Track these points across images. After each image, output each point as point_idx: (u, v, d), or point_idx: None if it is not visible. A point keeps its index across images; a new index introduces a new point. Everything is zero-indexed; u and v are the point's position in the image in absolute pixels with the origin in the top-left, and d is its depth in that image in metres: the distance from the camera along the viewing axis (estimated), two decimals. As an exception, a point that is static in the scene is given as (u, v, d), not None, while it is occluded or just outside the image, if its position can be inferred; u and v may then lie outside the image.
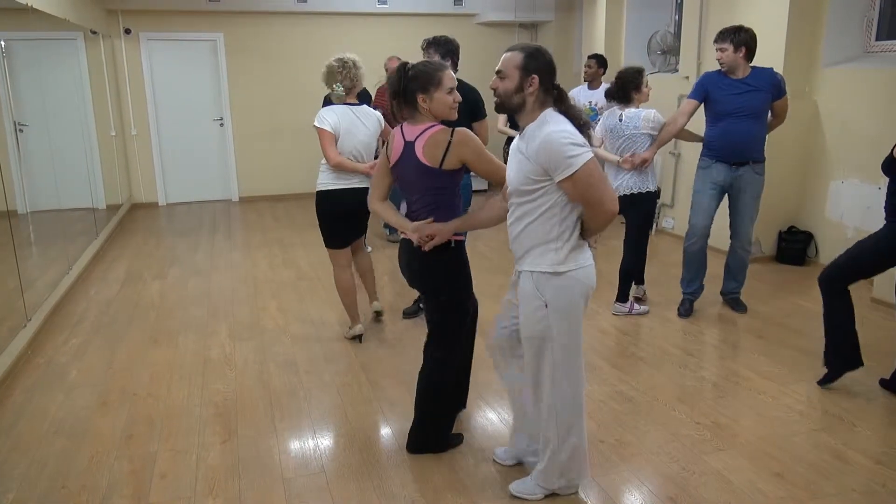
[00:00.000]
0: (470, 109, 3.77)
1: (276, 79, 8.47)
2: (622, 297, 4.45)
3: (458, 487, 2.58)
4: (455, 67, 3.98)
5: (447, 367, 2.77)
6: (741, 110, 4.07)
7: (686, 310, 4.41)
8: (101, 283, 5.24)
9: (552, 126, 2.14)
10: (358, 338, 4.04)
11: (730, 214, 4.36)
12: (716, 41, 4.10)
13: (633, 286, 4.49)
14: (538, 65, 2.20)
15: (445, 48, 3.96)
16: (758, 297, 4.69)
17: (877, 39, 5.20)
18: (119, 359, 3.82)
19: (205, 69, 8.35)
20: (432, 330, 2.77)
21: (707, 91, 4.18)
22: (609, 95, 4.34)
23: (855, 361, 3.28)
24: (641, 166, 4.15)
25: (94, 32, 6.78)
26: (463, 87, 3.49)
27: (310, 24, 8.45)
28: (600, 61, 6.12)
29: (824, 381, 3.36)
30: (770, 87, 4.08)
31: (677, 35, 6.75)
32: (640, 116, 4.15)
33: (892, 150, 3.06)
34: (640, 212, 4.31)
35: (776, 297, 4.71)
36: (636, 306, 4.45)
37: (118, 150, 7.71)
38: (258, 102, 8.50)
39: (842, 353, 3.29)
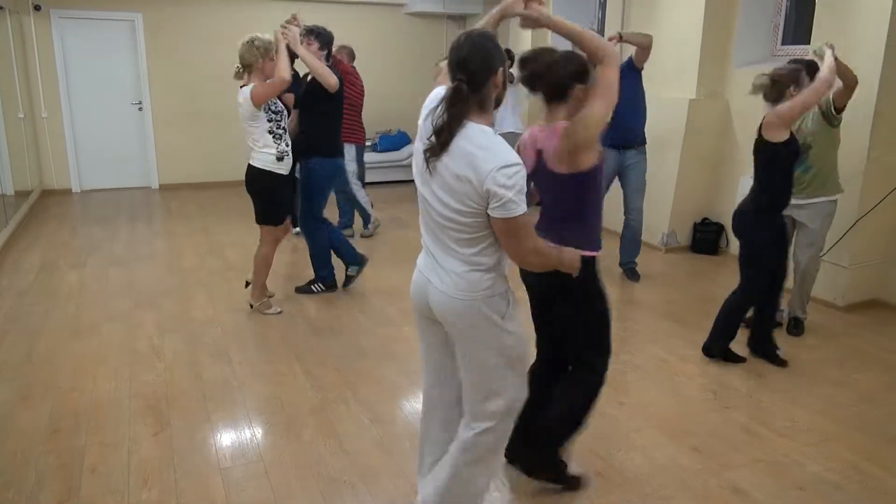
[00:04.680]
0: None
1: (199, 62, 8.21)
2: None
3: (395, 470, 2.64)
4: (328, 57, 4.26)
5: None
6: (623, 98, 4.32)
7: None
8: (14, 273, 4.98)
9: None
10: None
11: (623, 193, 4.88)
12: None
13: None
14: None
15: (326, 38, 4.23)
16: (675, 284, 4.96)
17: (782, 44, 5.56)
18: (38, 351, 3.67)
19: (123, 50, 8.00)
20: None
21: None
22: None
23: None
24: None
25: (-1, 7, 6.39)
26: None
27: (233, 6, 8.24)
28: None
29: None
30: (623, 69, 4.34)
31: (601, 31, 6.97)
32: None
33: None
34: None
35: (692, 285, 5.00)
36: None
37: (27, 133, 7.30)
38: (179, 86, 8.22)
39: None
